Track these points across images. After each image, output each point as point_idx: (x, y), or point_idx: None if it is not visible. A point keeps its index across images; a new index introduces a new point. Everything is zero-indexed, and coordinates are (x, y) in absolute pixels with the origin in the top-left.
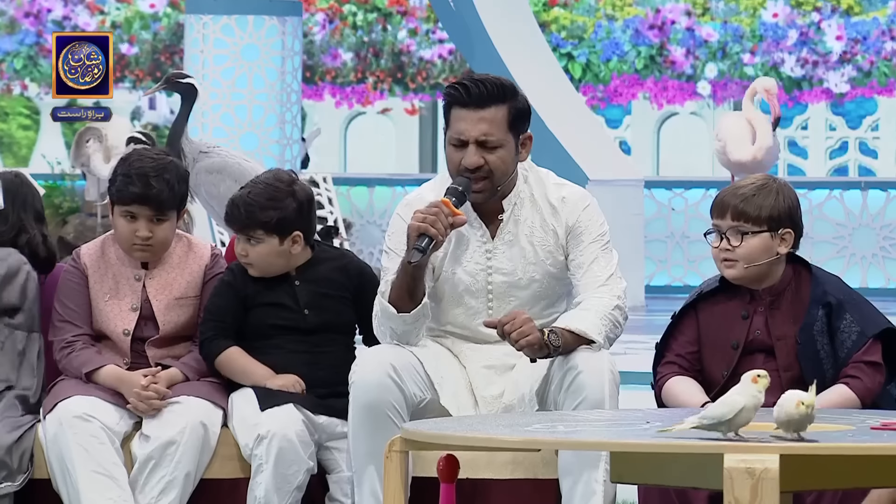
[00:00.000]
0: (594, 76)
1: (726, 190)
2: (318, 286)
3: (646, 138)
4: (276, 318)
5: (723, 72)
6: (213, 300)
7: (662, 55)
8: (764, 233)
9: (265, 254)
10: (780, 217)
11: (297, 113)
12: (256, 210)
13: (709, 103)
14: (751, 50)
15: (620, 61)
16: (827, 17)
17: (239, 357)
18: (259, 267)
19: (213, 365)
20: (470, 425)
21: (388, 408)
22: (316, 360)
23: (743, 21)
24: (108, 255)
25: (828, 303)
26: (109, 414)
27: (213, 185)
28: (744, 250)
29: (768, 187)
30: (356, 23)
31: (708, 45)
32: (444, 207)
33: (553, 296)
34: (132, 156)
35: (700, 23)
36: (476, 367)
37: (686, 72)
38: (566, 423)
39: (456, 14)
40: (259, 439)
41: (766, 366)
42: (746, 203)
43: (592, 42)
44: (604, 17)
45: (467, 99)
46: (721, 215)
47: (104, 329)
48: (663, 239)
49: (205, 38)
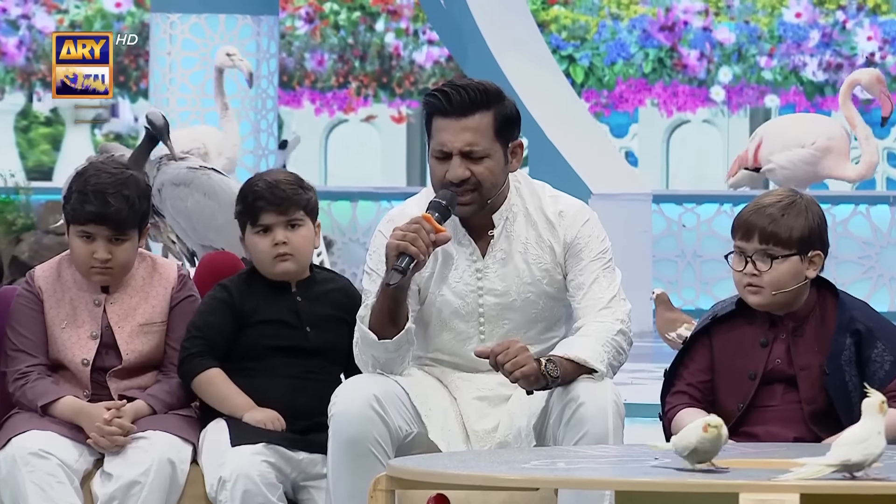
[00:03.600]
0: (598, 81)
1: (750, 208)
2: (321, 305)
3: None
4: (275, 337)
5: (738, 76)
6: (203, 317)
7: (672, 58)
8: (794, 256)
9: (308, 239)
10: (811, 238)
11: (273, 121)
12: (297, 188)
13: (723, 110)
14: (769, 52)
15: (626, 64)
16: (852, 17)
17: (220, 381)
18: (301, 257)
19: (189, 385)
20: (462, 462)
21: (371, 443)
22: (303, 387)
23: (761, 21)
24: (65, 278)
25: (856, 330)
26: (68, 450)
27: (179, 199)
28: (772, 276)
29: (797, 205)
30: (338, 22)
31: (722, 47)
32: (426, 223)
33: (551, 318)
34: (88, 170)
35: (714, 23)
36: (467, 399)
37: (698, 76)
38: (567, 459)
39: (447, 13)
40: (222, 483)
41: (786, 397)
42: (776, 224)
43: (596, 43)
44: (608, 16)
45: (448, 107)
46: (747, 237)
47: (61, 358)
48: (673, 258)
49: (172, 38)
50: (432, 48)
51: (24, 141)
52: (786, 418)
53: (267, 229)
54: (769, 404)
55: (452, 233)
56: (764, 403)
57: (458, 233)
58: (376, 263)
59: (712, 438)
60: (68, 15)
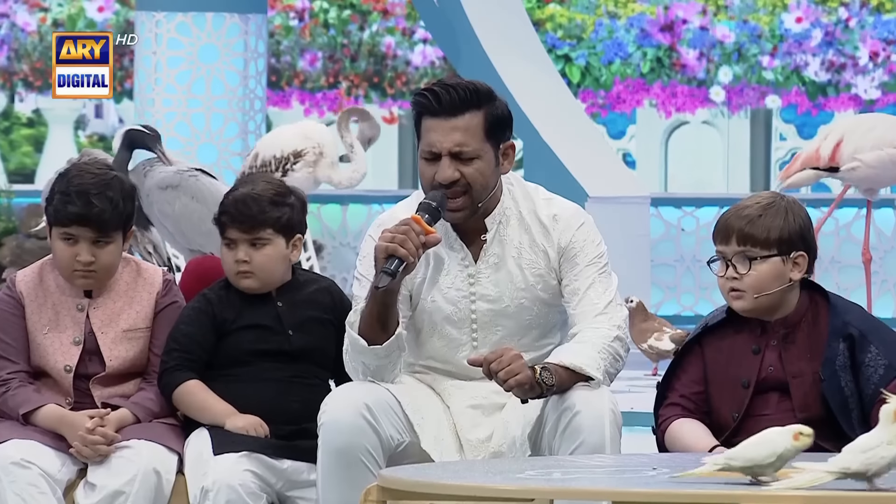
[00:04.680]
0: (594, 81)
1: (729, 212)
2: (303, 308)
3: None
4: (258, 341)
5: (738, 76)
6: (181, 328)
7: (671, 57)
8: (774, 257)
9: (274, 257)
10: (791, 239)
11: (261, 122)
12: (266, 205)
13: (723, 111)
14: (770, 52)
15: (624, 64)
16: (855, 15)
17: (198, 391)
18: (263, 274)
19: (170, 398)
20: (455, 472)
21: (361, 452)
22: (288, 390)
23: (761, 20)
24: (47, 283)
25: (849, 335)
26: (50, 460)
27: (167, 202)
28: (752, 279)
29: (776, 206)
30: (328, 21)
31: (722, 47)
32: (415, 225)
33: (546, 325)
34: (71, 171)
35: (713, 21)
36: (460, 407)
37: (697, 76)
38: (563, 469)
39: (439, 11)
40: (204, 493)
41: (780, 406)
42: (752, 225)
43: (592, 42)
44: (605, 14)
45: (437, 107)
46: (725, 240)
47: (43, 365)
48: (672, 263)
49: (158, 37)
50: (425, 47)
51: (6, 143)
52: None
53: (231, 244)
54: (764, 413)
55: (444, 237)
56: (758, 412)
57: (449, 237)
58: (366, 268)
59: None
60: (51, 13)
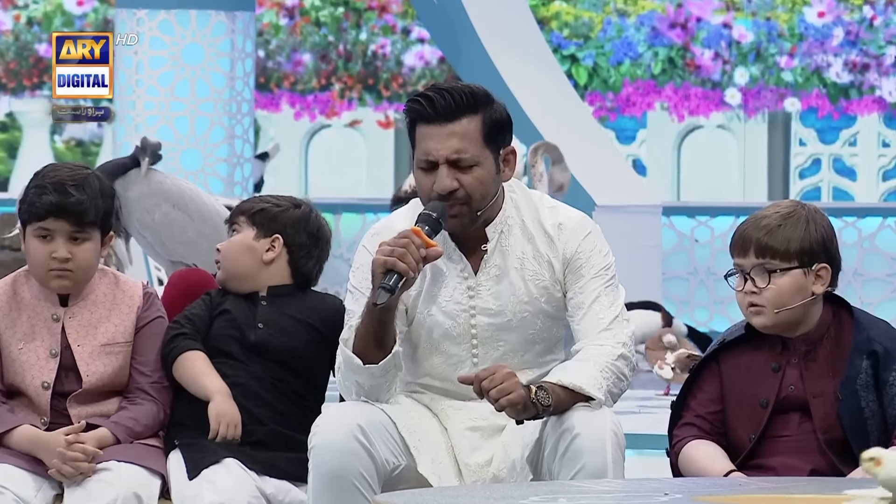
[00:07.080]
0: (603, 82)
1: (747, 222)
2: (286, 307)
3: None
4: (228, 327)
5: (756, 77)
6: (191, 308)
7: (684, 57)
8: (795, 270)
9: (237, 244)
10: (813, 250)
11: (248, 126)
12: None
13: (739, 115)
14: (789, 52)
15: (634, 65)
16: (880, 13)
17: (202, 363)
18: (226, 261)
19: (172, 363)
20: (455, 497)
21: (355, 477)
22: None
23: (780, 17)
24: (22, 295)
25: (873, 352)
26: (25, 484)
27: (145, 211)
28: (772, 293)
29: (796, 216)
30: (320, 19)
31: (739, 46)
32: (416, 237)
33: (550, 339)
34: (46, 168)
35: (729, 20)
36: (459, 429)
37: (712, 77)
38: (569, 494)
39: (438, 9)
40: None
41: (801, 427)
42: (771, 236)
43: (601, 42)
44: (614, 12)
45: (432, 113)
46: (743, 253)
47: (18, 382)
48: (685, 276)
49: (139, 36)
50: (423, 47)
51: None
52: (801, 448)
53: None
54: (783, 434)
55: (442, 247)
56: (777, 433)
57: (447, 247)
58: (360, 281)
59: None
60: (26, 11)
